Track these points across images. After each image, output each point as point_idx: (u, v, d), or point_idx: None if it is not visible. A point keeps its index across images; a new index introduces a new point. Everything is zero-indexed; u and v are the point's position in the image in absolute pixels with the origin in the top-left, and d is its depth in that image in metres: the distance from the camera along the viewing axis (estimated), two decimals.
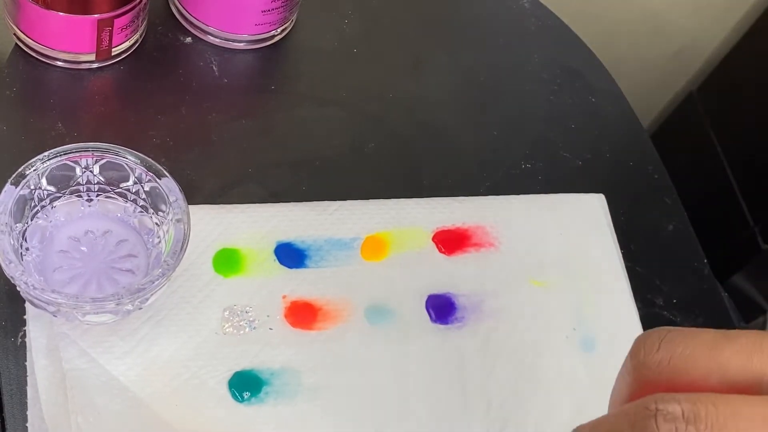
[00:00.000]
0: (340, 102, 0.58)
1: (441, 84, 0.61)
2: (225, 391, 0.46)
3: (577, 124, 0.61)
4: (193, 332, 0.47)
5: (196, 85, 0.57)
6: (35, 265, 0.46)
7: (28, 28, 0.53)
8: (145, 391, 0.45)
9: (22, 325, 0.46)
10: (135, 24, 0.54)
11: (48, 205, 0.46)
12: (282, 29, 0.59)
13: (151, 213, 0.47)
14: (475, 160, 0.58)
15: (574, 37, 0.66)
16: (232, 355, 0.47)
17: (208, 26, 0.57)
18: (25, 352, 0.45)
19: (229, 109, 0.56)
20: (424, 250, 0.52)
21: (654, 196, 0.60)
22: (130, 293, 0.43)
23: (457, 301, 0.51)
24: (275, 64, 0.60)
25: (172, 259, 0.44)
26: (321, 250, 0.51)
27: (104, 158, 0.46)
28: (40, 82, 0.54)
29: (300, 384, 0.47)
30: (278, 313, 0.48)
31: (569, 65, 0.64)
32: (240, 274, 0.49)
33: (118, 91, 0.56)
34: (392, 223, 0.53)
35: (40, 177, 0.45)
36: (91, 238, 0.47)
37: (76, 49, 0.54)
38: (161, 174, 0.46)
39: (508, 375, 0.49)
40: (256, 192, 0.53)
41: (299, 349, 0.48)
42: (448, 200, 0.54)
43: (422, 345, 0.49)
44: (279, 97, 0.58)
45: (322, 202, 0.53)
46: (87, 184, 0.47)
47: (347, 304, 0.50)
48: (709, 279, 0.57)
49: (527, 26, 0.66)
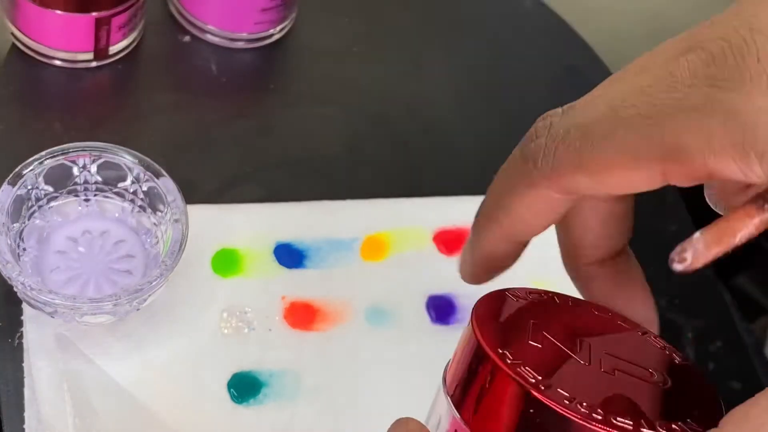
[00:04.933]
0: (340, 102, 0.58)
1: (441, 84, 0.61)
2: (224, 393, 0.45)
3: None
4: (191, 333, 0.47)
5: (195, 84, 0.57)
6: (32, 266, 0.46)
7: (25, 26, 0.53)
8: (143, 392, 0.45)
9: (19, 326, 0.45)
10: (133, 23, 0.54)
11: (45, 205, 0.46)
12: (281, 28, 0.59)
13: (149, 213, 0.47)
14: (475, 160, 0.58)
15: (576, 36, 0.66)
16: (231, 356, 0.46)
17: (206, 25, 0.57)
18: (22, 353, 0.45)
19: (228, 108, 0.56)
20: (424, 250, 0.52)
21: (655, 196, 0.59)
22: (128, 294, 0.43)
23: (457, 302, 0.51)
24: (274, 63, 0.59)
25: (171, 259, 0.44)
26: (320, 250, 0.51)
27: (102, 158, 0.46)
28: (38, 81, 0.54)
29: (299, 385, 0.46)
30: (277, 314, 0.48)
31: (570, 64, 0.64)
32: (239, 275, 0.49)
33: (116, 90, 0.56)
34: (392, 223, 0.52)
35: (38, 177, 0.45)
36: (89, 239, 0.47)
37: (74, 47, 0.53)
38: (159, 174, 0.46)
39: None
40: (255, 192, 0.53)
41: (298, 350, 0.47)
42: (448, 200, 0.54)
43: (422, 345, 0.49)
44: (278, 97, 0.58)
45: (322, 202, 0.52)
46: (84, 183, 0.47)
47: (347, 305, 0.49)
48: (711, 280, 0.56)
49: (528, 25, 0.65)
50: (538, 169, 0.30)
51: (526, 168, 0.30)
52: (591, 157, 0.28)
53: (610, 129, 0.28)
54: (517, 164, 0.31)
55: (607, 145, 0.28)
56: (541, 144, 0.30)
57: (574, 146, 0.29)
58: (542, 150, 0.30)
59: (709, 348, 0.54)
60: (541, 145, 0.30)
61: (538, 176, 0.30)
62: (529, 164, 0.30)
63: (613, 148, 0.28)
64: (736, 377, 0.51)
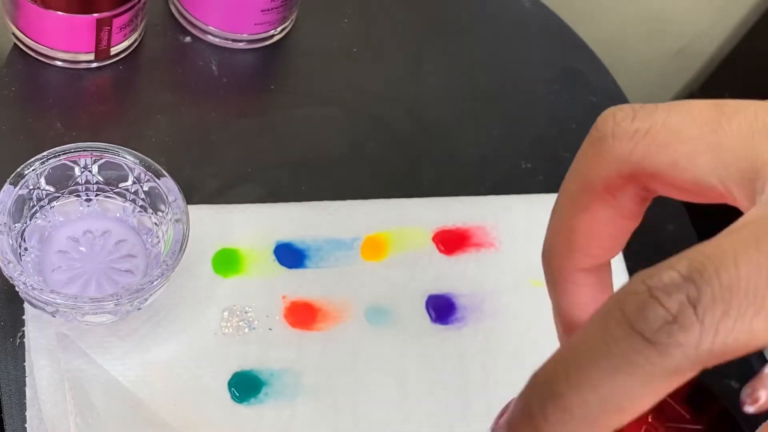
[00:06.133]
0: (340, 102, 0.58)
1: (441, 84, 0.61)
2: (224, 392, 0.46)
3: (577, 124, 0.61)
4: (192, 333, 0.47)
5: (196, 84, 0.57)
6: (34, 266, 0.46)
7: (26, 27, 0.53)
8: (144, 391, 0.45)
9: (21, 325, 0.45)
10: (134, 23, 0.54)
11: (47, 205, 0.46)
12: (281, 29, 0.59)
13: (150, 213, 0.47)
14: (475, 160, 0.58)
15: (575, 36, 0.66)
16: (232, 355, 0.47)
17: (207, 26, 0.57)
18: (23, 352, 0.45)
19: (229, 108, 0.56)
20: (424, 250, 0.52)
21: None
22: (129, 293, 0.43)
23: (457, 302, 0.51)
24: (275, 63, 0.60)
25: (171, 259, 0.44)
26: (321, 250, 0.51)
27: (103, 158, 0.46)
28: (39, 81, 0.54)
29: (300, 384, 0.47)
30: (278, 314, 0.48)
31: (570, 65, 0.64)
32: (239, 275, 0.49)
33: (116, 90, 0.56)
34: (392, 223, 0.52)
35: (39, 177, 0.45)
36: (90, 238, 0.47)
37: (75, 48, 0.54)
38: (160, 174, 0.46)
39: (508, 375, 0.49)
40: (255, 192, 0.53)
41: (299, 350, 0.47)
42: (448, 200, 0.54)
43: (422, 345, 0.49)
44: (278, 97, 0.58)
45: (322, 202, 0.53)
46: (86, 183, 0.47)
47: (347, 305, 0.49)
48: None
49: (527, 26, 0.66)
50: (692, 355, 0.22)
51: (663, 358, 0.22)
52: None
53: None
54: (643, 355, 0.22)
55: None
56: (692, 324, 0.21)
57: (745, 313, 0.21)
58: (699, 333, 0.21)
59: None
60: (692, 325, 0.21)
61: (690, 362, 0.22)
62: (672, 353, 0.22)
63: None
64: (734, 377, 0.51)
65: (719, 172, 0.25)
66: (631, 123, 0.25)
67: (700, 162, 0.25)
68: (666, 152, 0.25)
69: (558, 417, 0.22)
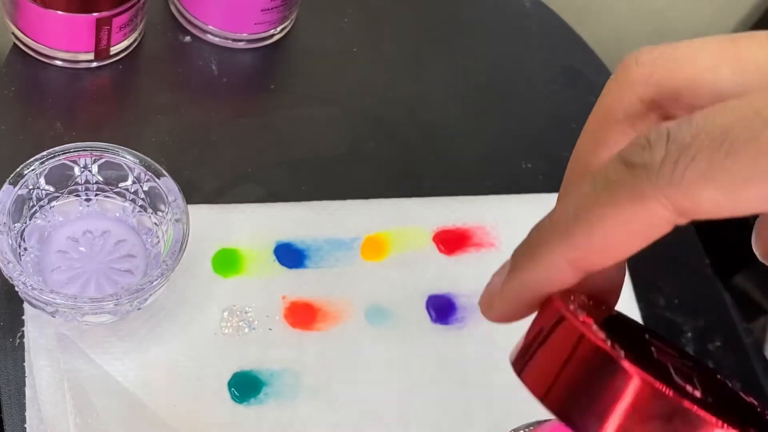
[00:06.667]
0: (340, 102, 0.58)
1: (441, 84, 0.61)
2: (224, 392, 0.46)
3: (578, 123, 0.61)
4: (192, 333, 0.47)
5: (195, 84, 0.57)
6: (34, 266, 0.46)
7: (26, 27, 0.53)
8: (144, 391, 0.45)
9: (20, 325, 0.45)
10: (134, 23, 0.54)
11: (46, 205, 0.46)
12: (281, 28, 0.59)
13: (150, 213, 0.47)
14: (475, 160, 0.58)
15: (575, 36, 0.66)
16: (232, 355, 0.47)
17: (207, 25, 0.57)
18: (23, 352, 0.45)
19: (228, 108, 0.56)
20: (424, 250, 0.52)
21: None
22: (129, 294, 0.43)
23: (457, 302, 0.51)
24: (274, 63, 0.60)
25: (171, 259, 0.44)
26: (321, 250, 0.51)
27: (103, 158, 0.46)
28: (39, 81, 0.54)
29: (300, 385, 0.47)
30: (278, 314, 0.48)
31: (570, 64, 0.64)
32: (239, 275, 0.49)
33: (116, 90, 0.56)
34: (392, 223, 0.52)
35: (39, 177, 0.45)
36: (90, 238, 0.47)
37: (75, 48, 0.54)
38: (160, 174, 0.46)
39: (508, 375, 0.49)
40: (255, 192, 0.53)
41: (299, 350, 0.47)
42: (448, 200, 0.54)
43: (422, 345, 0.49)
44: (278, 97, 0.58)
45: (322, 202, 0.53)
46: (85, 183, 0.47)
47: (347, 305, 0.49)
48: (711, 279, 0.56)
49: (528, 26, 0.65)
50: (651, 180, 0.25)
51: (633, 179, 0.25)
52: (724, 167, 0.23)
53: (753, 133, 0.23)
54: (618, 175, 0.25)
55: (749, 153, 0.23)
56: (659, 152, 0.24)
57: (704, 155, 0.24)
58: (661, 158, 0.24)
59: (709, 347, 0.54)
60: (659, 153, 0.24)
61: (651, 188, 0.25)
62: (639, 174, 0.25)
63: (756, 155, 0.23)
64: (735, 376, 0.51)
65: (741, 80, 0.26)
66: (654, 49, 0.27)
67: (723, 72, 0.26)
68: (687, 67, 0.26)
69: (533, 244, 0.29)
